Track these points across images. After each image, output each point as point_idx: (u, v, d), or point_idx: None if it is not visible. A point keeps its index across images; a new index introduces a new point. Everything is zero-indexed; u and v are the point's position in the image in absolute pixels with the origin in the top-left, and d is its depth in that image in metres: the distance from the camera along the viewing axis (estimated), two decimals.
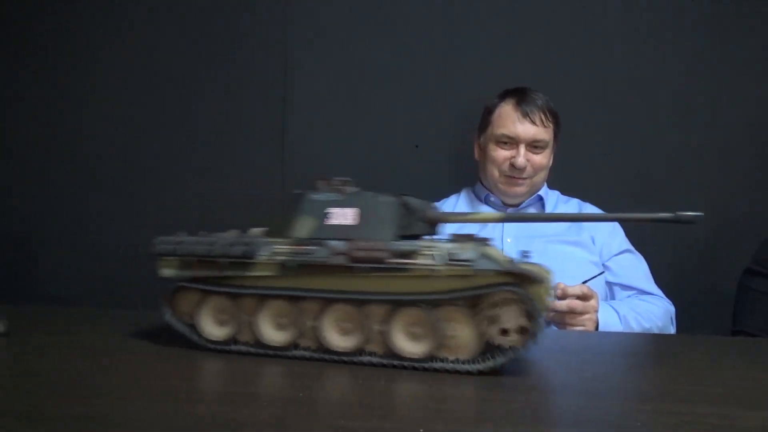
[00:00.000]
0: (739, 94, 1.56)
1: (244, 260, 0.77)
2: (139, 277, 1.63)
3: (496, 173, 1.37)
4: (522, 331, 0.69)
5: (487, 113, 1.41)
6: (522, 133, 1.32)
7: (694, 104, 1.56)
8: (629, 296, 1.36)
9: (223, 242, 0.79)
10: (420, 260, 0.70)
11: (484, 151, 1.41)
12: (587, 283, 1.19)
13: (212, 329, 0.81)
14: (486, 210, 1.39)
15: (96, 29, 1.72)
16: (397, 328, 0.72)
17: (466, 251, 0.69)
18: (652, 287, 1.37)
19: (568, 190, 1.50)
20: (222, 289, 0.79)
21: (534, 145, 1.33)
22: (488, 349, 0.70)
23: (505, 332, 0.69)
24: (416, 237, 0.81)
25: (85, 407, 0.56)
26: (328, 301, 0.75)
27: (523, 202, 1.42)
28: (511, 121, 1.33)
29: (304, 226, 0.79)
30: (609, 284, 1.38)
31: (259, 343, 0.78)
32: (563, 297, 1.14)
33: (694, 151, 1.56)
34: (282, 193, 0.85)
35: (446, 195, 1.54)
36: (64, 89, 1.72)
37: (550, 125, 1.35)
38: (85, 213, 1.69)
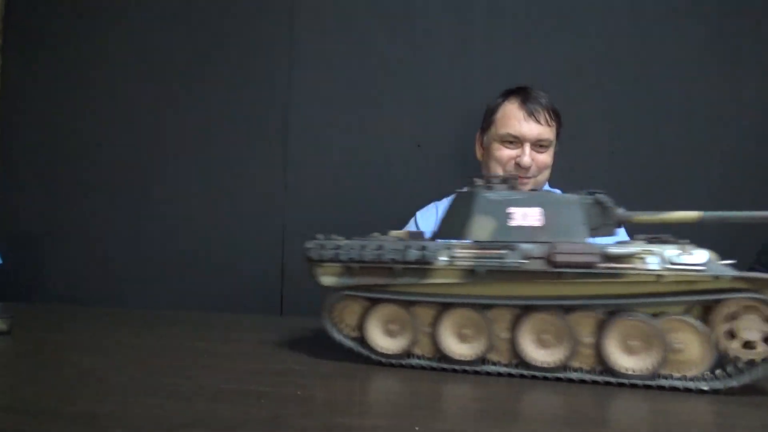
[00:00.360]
0: (745, 94, 1.50)
1: (422, 266, 0.71)
2: (144, 277, 1.62)
3: (500, 173, 1.32)
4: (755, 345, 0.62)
5: (490, 112, 1.36)
6: (527, 132, 1.28)
7: (698, 103, 1.51)
8: None
9: (392, 246, 0.72)
10: (639, 265, 0.63)
11: (487, 150, 1.37)
12: None
13: (382, 341, 0.74)
14: None
15: (106, 35, 1.71)
16: (611, 340, 0.65)
17: (694, 254, 0.62)
18: None
19: (569, 190, 1.45)
20: (401, 297, 0.72)
21: (539, 144, 1.29)
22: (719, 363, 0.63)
23: (746, 344, 0.62)
24: None
25: (88, 404, 0.55)
26: (522, 311, 0.68)
27: None
28: (516, 120, 1.30)
29: (482, 228, 0.72)
30: None
31: (441, 357, 0.71)
32: None
33: (698, 149, 1.50)
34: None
35: (449, 194, 1.45)
36: (71, 92, 1.71)
37: (554, 124, 1.32)
38: (93, 214, 1.68)
